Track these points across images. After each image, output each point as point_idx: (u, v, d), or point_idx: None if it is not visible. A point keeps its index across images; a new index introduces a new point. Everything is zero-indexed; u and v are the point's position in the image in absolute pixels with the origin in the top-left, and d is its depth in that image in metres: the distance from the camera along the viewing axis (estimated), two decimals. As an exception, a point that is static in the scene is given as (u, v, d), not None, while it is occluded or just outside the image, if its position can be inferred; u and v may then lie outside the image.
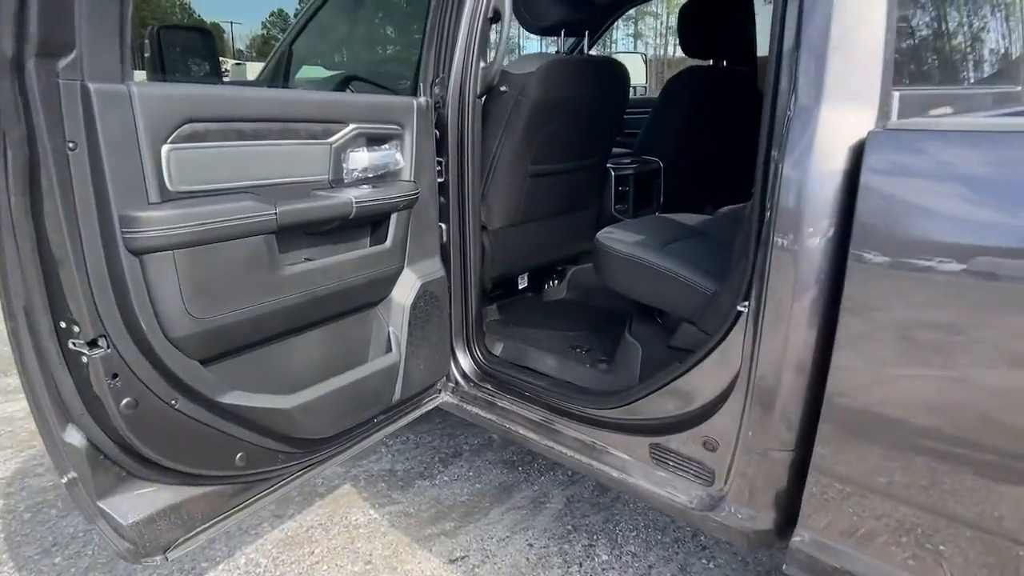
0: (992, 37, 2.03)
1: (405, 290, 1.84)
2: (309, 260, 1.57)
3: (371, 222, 1.74)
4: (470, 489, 2.44)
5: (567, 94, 2.22)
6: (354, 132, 1.62)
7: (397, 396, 1.85)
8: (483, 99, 2.01)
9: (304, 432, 1.59)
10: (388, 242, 1.75)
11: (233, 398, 1.42)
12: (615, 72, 2.38)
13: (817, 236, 1.26)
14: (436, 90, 1.93)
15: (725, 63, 3.08)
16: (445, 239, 2.02)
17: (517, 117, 2.13)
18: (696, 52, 3.01)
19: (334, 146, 1.58)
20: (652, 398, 1.71)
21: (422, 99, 1.85)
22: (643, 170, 2.82)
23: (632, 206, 2.80)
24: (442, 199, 1.99)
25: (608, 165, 2.69)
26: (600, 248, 1.99)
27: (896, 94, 1.28)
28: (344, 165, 1.61)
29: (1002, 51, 2.08)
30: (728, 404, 1.50)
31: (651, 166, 2.88)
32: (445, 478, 2.51)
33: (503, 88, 2.08)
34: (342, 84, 2.50)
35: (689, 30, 2.94)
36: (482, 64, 1.95)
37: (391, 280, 1.82)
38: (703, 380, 1.58)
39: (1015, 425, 1.10)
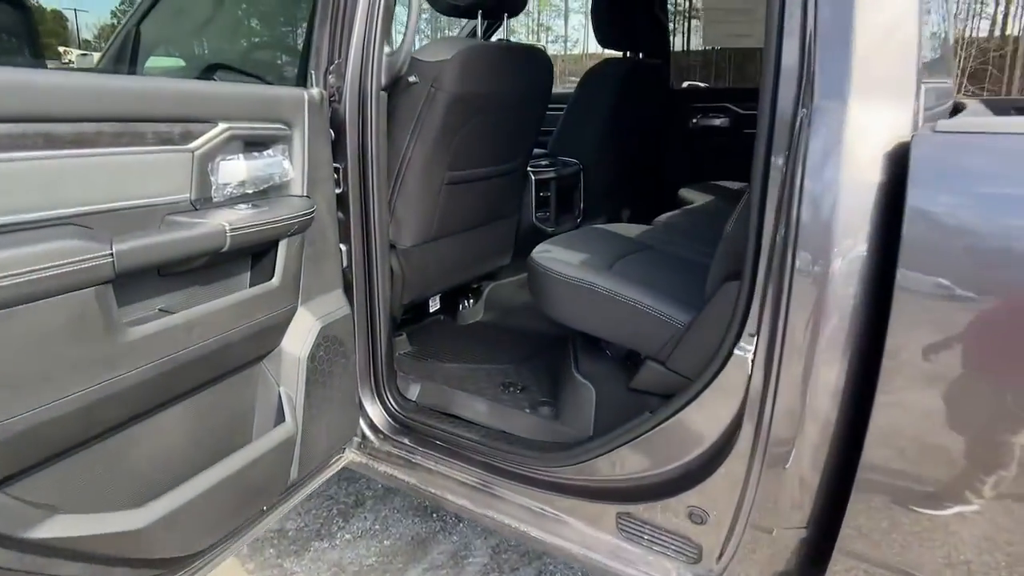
0: (941, 26, 1.90)
1: (300, 337, 1.43)
2: (165, 313, 1.12)
3: (253, 254, 1.31)
4: (378, 548, 2.05)
5: (489, 87, 1.88)
6: (225, 134, 1.19)
7: (294, 475, 1.44)
8: (389, 92, 1.63)
9: (167, 551, 1.15)
10: (276, 278, 1.33)
11: (51, 529, 0.96)
12: (539, 62, 2.06)
13: (849, 259, 1.03)
14: (331, 79, 1.52)
15: (640, 56, 2.86)
16: (346, 263, 1.62)
17: (431, 114, 1.76)
18: (610, 43, 2.76)
19: (197, 154, 1.15)
20: (619, 454, 1.42)
21: (315, 91, 1.44)
22: (564, 173, 2.54)
23: (554, 214, 2.50)
24: (341, 215, 1.59)
25: (529, 168, 2.38)
26: (538, 271, 1.66)
27: (923, 87, 1.05)
28: (213, 179, 1.18)
29: (947, 42, 1.95)
30: (724, 467, 1.22)
31: (571, 169, 2.60)
32: (347, 536, 2.10)
33: (413, 79, 1.70)
34: (206, 75, 2.00)
35: (603, 19, 2.68)
36: (387, 49, 1.57)
37: (281, 327, 1.39)
38: (686, 435, 1.31)
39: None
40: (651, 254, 1.85)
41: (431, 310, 2.40)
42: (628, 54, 2.77)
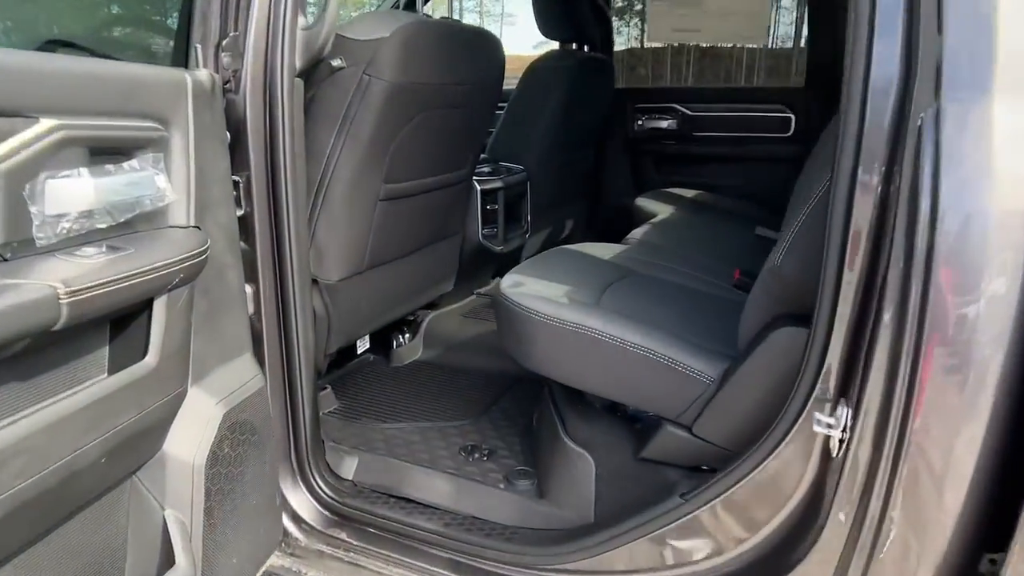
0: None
1: (194, 434, 0.97)
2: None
3: (112, 322, 0.85)
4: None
5: (438, 76, 1.48)
6: (53, 137, 0.73)
7: (195, 633, 0.98)
8: (306, 79, 1.21)
9: None
10: (151, 355, 0.87)
11: None
12: (492, 49, 1.68)
13: (1000, 305, 0.75)
14: (225, 59, 1.08)
15: (586, 49, 2.54)
16: (253, 310, 1.19)
17: (363, 109, 1.35)
18: (555, 32, 2.42)
19: (4, 168, 0.69)
20: (639, 548, 1.08)
21: (202, 73, 1.00)
22: (511, 182, 2.17)
23: (502, 229, 2.12)
24: (245, 245, 1.15)
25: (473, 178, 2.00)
26: (514, 312, 1.28)
27: None
28: (34, 210, 0.72)
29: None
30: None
31: (518, 176, 2.23)
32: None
33: (338, 62, 1.28)
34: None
35: (548, 5, 2.34)
36: (302, 21, 1.15)
37: (163, 424, 0.94)
38: (734, 525, 1.00)
39: None
40: (639, 281, 1.52)
41: (358, 351, 1.96)
42: (574, 47, 2.45)
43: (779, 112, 2.68)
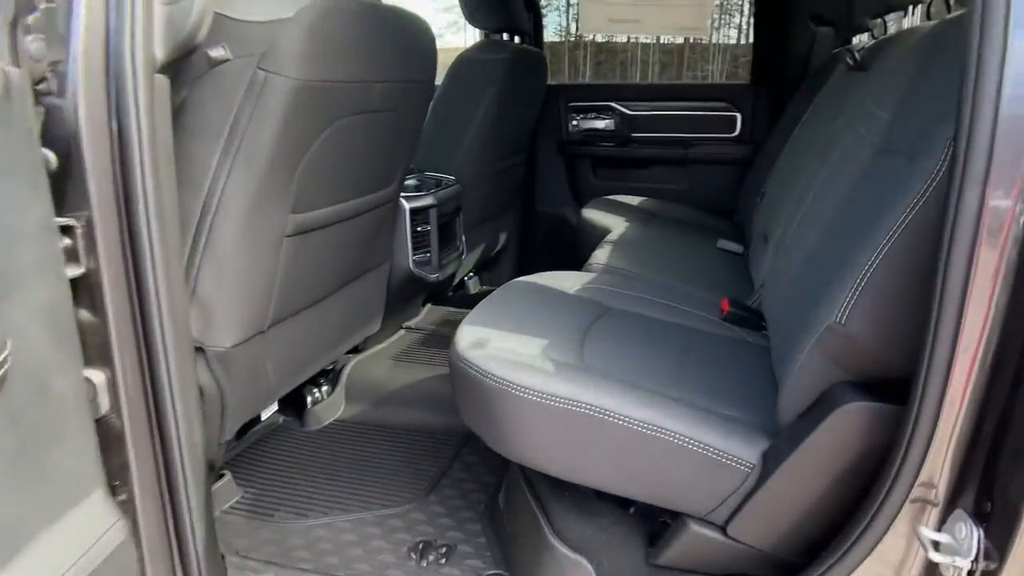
0: None
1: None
2: None
3: None
4: None
5: (359, 71, 1.13)
6: None
7: None
8: (172, 76, 0.85)
9: None
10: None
11: None
12: (423, 37, 1.34)
13: None
14: (34, 46, 0.70)
15: (517, 41, 2.24)
16: (110, 405, 0.82)
17: (260, 117, 0.99)
18: (483, 20, 2.11)
19: None
20: None
21: (-11, 65, 0.62)
22: (444, 197, 1.83)
23: (436, 254, 1.79)
24: (90, 315, 0.78)
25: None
26: (482, 385, 0.96)
27: None
28: None
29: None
30: None
31: (450, 190, 1.90)
32: None
33: (220, 52, 0.91)
34: None
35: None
36: (163, -9, 0.80)
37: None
38: None
39: None
40: (620, 322, 1.24)
41: (263, 415, 1.58)
42: (504, 37, 2.14)
43: (724, 111, 2.49)
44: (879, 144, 1.04)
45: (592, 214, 2.15)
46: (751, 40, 2.52)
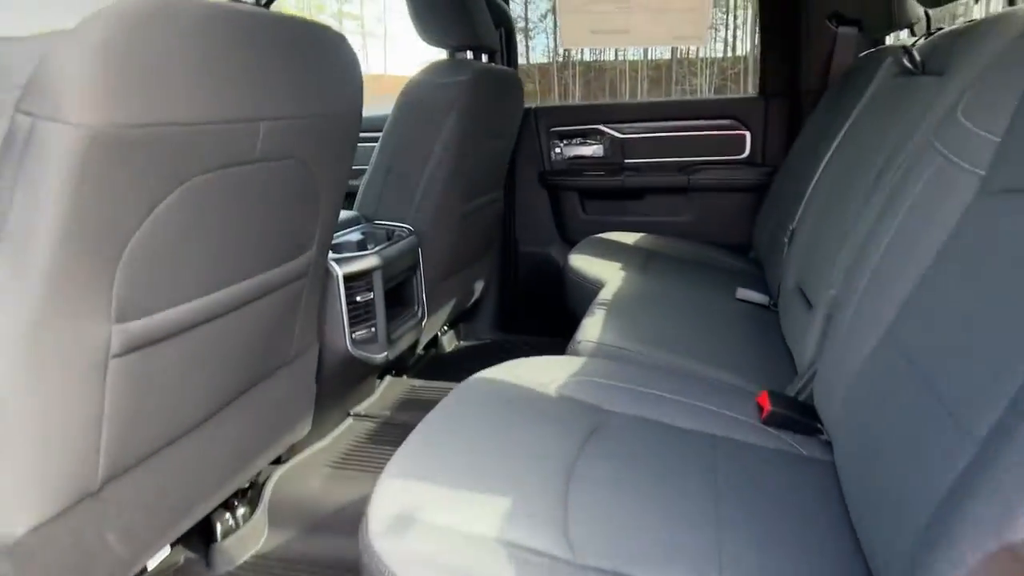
0: None
1: None
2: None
3: None
4: None
5: (217, 106, 0.77)
6: None
7: None
8: None
9: None
10: None
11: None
12: (332, 51, 0.98)
13: None
14: None
15: (484, 59, 1.89)
16: None
17: (32, 187, 0.62)
18: (440, 37, 1.76)
19: None
20: None
21: None
22: (393, 254, 1.46)
23: (384, 327, 1.42)
24: None
25: (330, 258, 1.28)
26: None
27: None
28: None
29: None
30: None
31: (404, 243, 1.54)
32: None
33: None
34: None
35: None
36: None
37: None
38: None
39: None
40: (621, 441, 0.86)
41: (150, 567, 1.19)
42: (469, 55, 1.79)
43: (731, 129, 2.14)
44: (990, 177, 0.69)
45: (580, 261, 1.78)
46: (737, 52, 2.17)
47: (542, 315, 2.34)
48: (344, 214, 1.63)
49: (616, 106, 2.25)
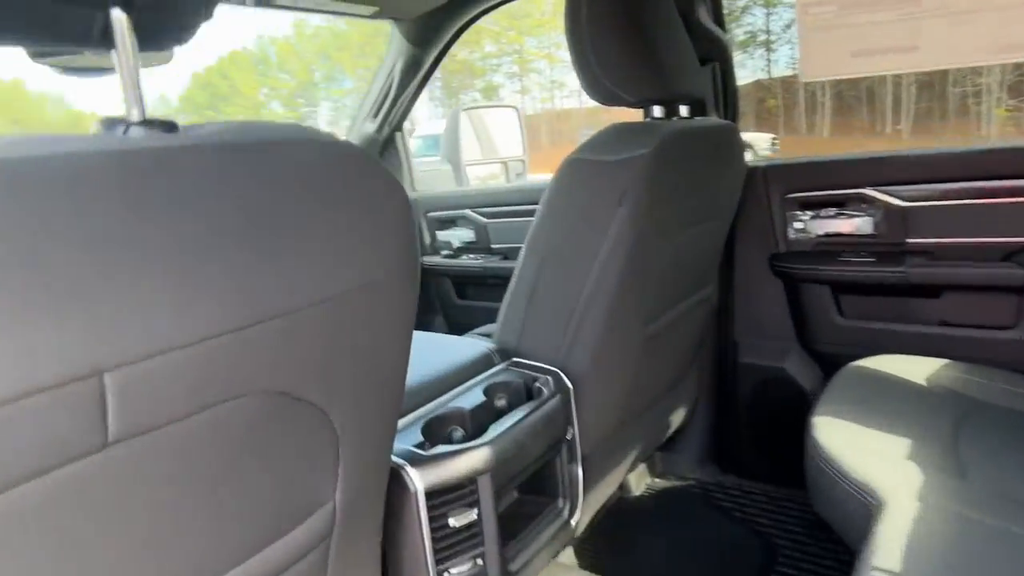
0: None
1: None
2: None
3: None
4: None
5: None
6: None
7: None
8: None
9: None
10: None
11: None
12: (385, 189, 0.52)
13: None
14: None
15: (685, 113, 1.32)
16: None
17: None
18: (607, 95, 1.21)
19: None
20: None
21: None
22: (537, 424, 0.96)
23: (500, 563, 0.91)
24: None
25: (400, 457, 0.81)
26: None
27: None
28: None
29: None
30: None
31: (550, 405, 1.03)
32: None
33: None
34: None
35: (597, 40, 1.16)
36: None
37: None
38: None
39: None
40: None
41: None
42: (658, 112, 1.24)
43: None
44: None
45: (834, 432, 1.09)
46: None
47: (770, 453, 1.66)
48: (473, 345, 1.16)
49: (893, 159, 1.50)
